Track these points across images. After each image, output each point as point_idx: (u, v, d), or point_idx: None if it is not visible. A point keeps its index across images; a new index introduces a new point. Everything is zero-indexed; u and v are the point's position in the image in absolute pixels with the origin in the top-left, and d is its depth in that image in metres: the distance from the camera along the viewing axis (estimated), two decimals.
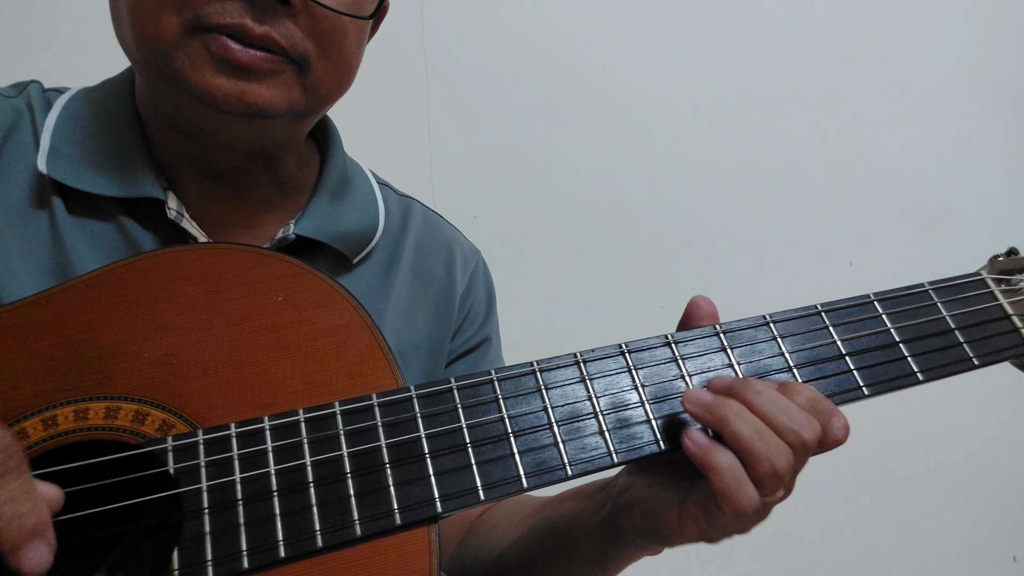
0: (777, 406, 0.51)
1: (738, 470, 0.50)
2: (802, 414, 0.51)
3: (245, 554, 0.46)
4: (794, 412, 0.51)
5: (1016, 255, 0.65)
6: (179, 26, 0.56)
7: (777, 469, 0.50)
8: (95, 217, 0.64)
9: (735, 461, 0.50)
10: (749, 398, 0.52)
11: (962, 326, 0.61)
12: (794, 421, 0.51)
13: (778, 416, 0.51)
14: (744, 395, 0.52)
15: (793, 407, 0.52)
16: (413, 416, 0.52)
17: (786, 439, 0.51)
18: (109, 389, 0.50)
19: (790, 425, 0.51)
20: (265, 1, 0.57)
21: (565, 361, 0.56)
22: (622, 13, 1.76)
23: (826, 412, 0.52)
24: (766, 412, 0.51)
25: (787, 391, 0.53)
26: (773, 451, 0.50)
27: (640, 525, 0.57)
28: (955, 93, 2.13)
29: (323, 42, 0.61)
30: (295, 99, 0.62)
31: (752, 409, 0.51)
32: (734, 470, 0.50)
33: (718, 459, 0.50)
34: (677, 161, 1.77)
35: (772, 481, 0.50)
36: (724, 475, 0.49)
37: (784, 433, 0.51)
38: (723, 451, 0.50)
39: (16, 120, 0.65)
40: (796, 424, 0.51)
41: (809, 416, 0.52)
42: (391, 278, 0.76)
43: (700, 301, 0.60)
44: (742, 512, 0.50)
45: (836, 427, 0.52)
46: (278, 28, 0.58)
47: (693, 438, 0.51)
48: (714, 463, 0.50)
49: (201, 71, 0.57)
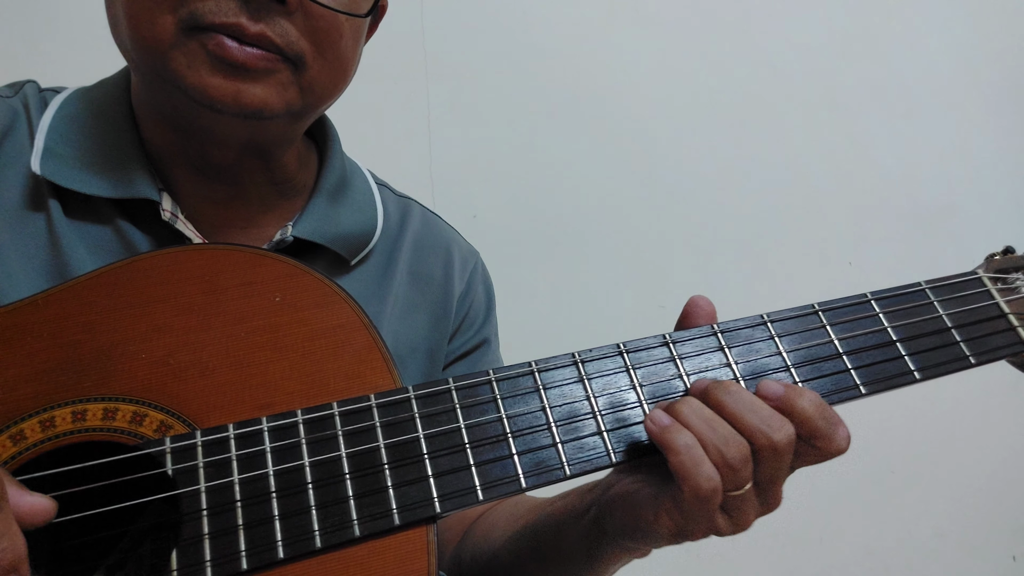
0: (747, 406, 0.51)
1: (696, 449, 0.50)
2: (774, 415, 0.51)
3: (244, 555, 0.46)
4: (765, 412, 0.51)
5: (1012, 254, 0.65)
6: (175, 26, 0.56)
7: (727, 457, 0.50)
8: (92, 219, 0.63)
9: (693, 441, 0.50)
10: (719, 396, 0.52)
11: (959, 325, 0.61)
12: (764, 421, 0.51)
13: (746, 415, 0.51)
14: (714, 393, 0.52)
15: (765, 408, 0.52)
16: (411, 416, 0.52)
17: (754, 440, 0.51)
18: (107, 390, 0.50)
19: (758, 425, 0.51)
20: (265, 6, 0.57)
21: (563, 361, 0.56)
22: (622, 13, 1.76)
23: (831, 420, 0.52)
24: (734, 412, 0.51)
25: (792, 392, 0.53)
26: (721, 439, 0.50)
27: (621, 523, 0.57)
28: (955, 93, 2.13)
29: (319, 41, 0.61)
30: (291, 99, 0.62)
31: (720, 407, 0.52)
32: (692, 448, 0.50)
33: (676, 437, 0.50)
34: (677, 161, 1.77)
35: (726, 470, 0.50)
36: (681, 453, 0.49)
37: (752, 433, 0.51)
38: (683, 430, 0.50)
39: (12, 120, 0.65)
40: (766, 424, 0.51)
41: (782, 418, 0.51)
42: (389, 280, 0.76)
43: (699, 300, 0.60)
44: (702, 495, 0.49)
45: (839, 436, 0.52)
46: (273, 27, 0.58)
47: (654, 417, 0.52)
48: (672, 441, 0.50)
49: (198, 71, 0.57)
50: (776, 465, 0.52)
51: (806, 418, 0.52)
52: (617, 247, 1.69)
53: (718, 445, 0.50)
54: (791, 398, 0.52)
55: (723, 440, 0.50)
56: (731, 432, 0.51)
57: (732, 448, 0.50)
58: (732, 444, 0.50)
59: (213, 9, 0.56)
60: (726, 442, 0.50)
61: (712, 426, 0.51)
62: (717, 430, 0.50)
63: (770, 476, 0.52)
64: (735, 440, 0.50)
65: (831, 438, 0.52)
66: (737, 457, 0.50)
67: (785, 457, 0.51)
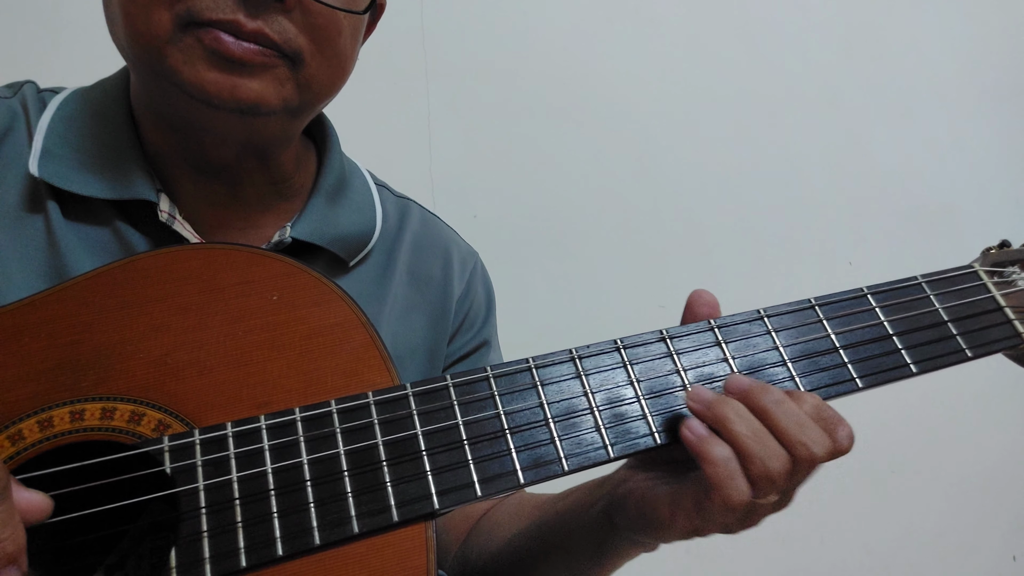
0: (794, 419, 0.51)
1: (733, 462, 0.50)
2: (816, 429, 0.51)
3: (243, 552, 0.46)
4: (808, 427, 0.51)
5: (1008, 247, 0.65)
6: (171, 22, 0.56)
7: (770, 472, 0.50)
8: (90, 220, 0.63)
9: (731, 453, 0.50)
10: (766, 405, 0.52)
11: (955, 318, 0.61)
12: (807, 435, 0.51)
13: (791, 429, 0.51)
14: (760, 401, 0.52)
15: (808, 421, 0.52)
16: (409, 413, 0.52)
17: (795, 452, 0.51)
18: (105, 390, 0.50)
19: (802, 439, 0.51)
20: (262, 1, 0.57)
21: (560, 357, 0.56)
22: (622, 13, 1.77)
23: (831, 421, 0.52)
24: (779, 424, 0.51)
25: (792, 400, 0.53)
26: (769, 453, 0.50)
27: (634, 518, 0.57)
28: (955, 93, 2.14)
29: (317, 38, 0.61)
30: (288, 95, 0.62)
31: (767, 415, 0.52)
32: (729, 462, 0.50)
33: (714, 449, 0.50)
34: (677, 161, 1.77)
35: (765, 482, 0.50)
36: (718, 465, 0.50)
37: (795, 447, 0.51)
38: (720, 443, 0.51)
39: (11, 122, 0.65)
40: (809, 439, 0.51)
41: (822, 432, 0.51)
42: (388, 281, 0.76)
43: (702, 293, 0.60)
44: (732, 506, 0.49)
45: (841, 436, 0.52)
46: (271, 23, 0.58)
47: (692, 428, 0.52)
48: (709, 452, 0.50)
49: (194, 66, 0.57)
50: (806, 476, 0.52)
51: None
52: (617, 247, 1.69)
53: (764, 459, 0.50)
54: None
55: (770, 455, 0.50)
56: (777, 447, 0.51)
57: (777, 463, 0.50)
58: (778, 459, 0.50)
59: (210, 5, 0.56)
60: (772, 457, 0.50)
61: (760, 439, 0.51)
62: (765, 443, 0.50)
63: (795, 485, 0.53)
64: (780, 455, 0.50)
65: (835, 440, 0.52)
66: (781, 471, 0.50)
67: (817, 469, 0.52)
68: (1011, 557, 1.99)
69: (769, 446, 0.50)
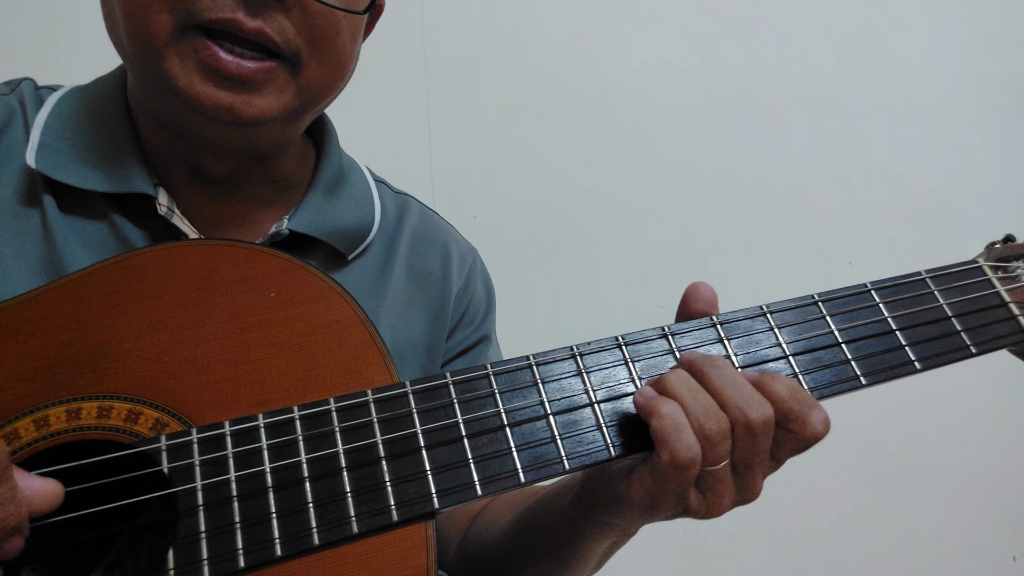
0: (729, 382, 0.51)
1: (679, 415, 0.50)
2: (754, 394, 0.51)
3: (241, 552, 0.46)
4: (746, 390, 0.51)
5: (1013, 242, 0.65)
6: (172, 24, 0.56)
7: (705, 429, 0.49)
8: (86, 214, 0.63)
9: (677, 408, 0.50)
10: (703, 369, 0.52)
11: (959, 314, 0.61)
12: (743, 398, 0.51)
13: (727, 390, 0.51)
14: (700, 366, 0.53)
15: (746, 385, 0.52)
16: (409, 412, 0.51)
17: (729, 413, 0.51)
18: (101, 388, 0.50)
19: (737, 402, 0.50)
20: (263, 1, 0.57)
21: (561, 354, 0.56)
22: (622, 13, 1.77)
23: (805, 402, 0.52)
24: (715, 385, 0.51)
25: (765, 377, 0.53)
26: (702, 410, 0.50)
27: (596, 495, 0.57)
28: (955, 93, 2.14)
29: (316, 38, 0.61)
30: (288, 102, 0.62)
31: (703, 379, 0.52)
32: (675, 414, 0.50)
33: (660, 404, 0.50)
34: (677, 161, 1.77)
35: (704, 442, 0.50)
36: (663, 417, 0.49)
37: (729, 409, 0.51)
38: (667, 400, 0.51)
39: (8, 117, 0.65)
40: (743, 402, 0.50)
41: (761, 399, 0.51)
42: (387, 275, 0.76)
43: (699, 287, 0.60)
44: (677, 460, 0.49)
45: (814, 419, 0.51)
46: (271, 23, 0.57)
47: (642, 391, 0.52)
48: (655, 407, 0.50)
49: (190, 76, 0.57)
50: (752, 446, 0.51)
51: (778, 399, 0.51)
52: (617, 247, 1.69)
53: (698, 415, 0.50)
54: (764, 381, 0.52)
55: (703, 411, 0.50)
56: (712, 405, 0.51)
57: (711, 420, 0.50)
58: (712, 416, 0.50)
59: (210, 5, 0.55)
60: (706, 413, 0.50)
61: (695, 396, 0.51)
62: (699, 400, 0.51)
63: (746, 458, 0.52)
64: (715, 413, 0.50)
65: (805, 421, 0.51)
66: (715, 430, 0.50)
67: (761, 439, 0.51)
68: (1011, 557, 1.98)
69: (701, 402, 0.50)
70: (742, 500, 0.54)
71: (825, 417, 0.52)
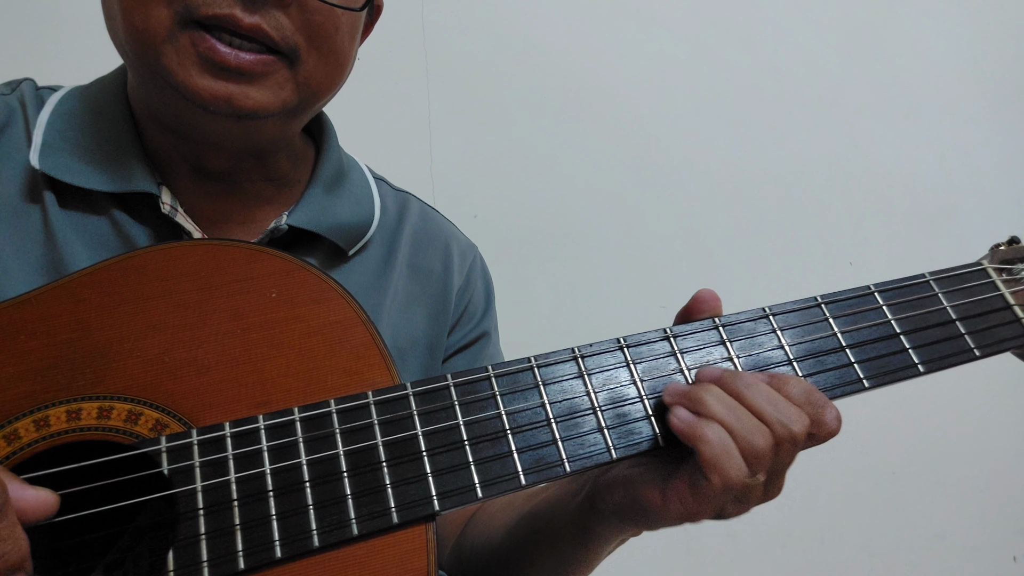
0: (766, 398, 0.52)
1: (727, 440, 0.50)
2: (791, 407, 0.52)
3: (241, 555, 0.45)
4: (782, 404, 0.52)
5: (1018, 244, 0.64)
6: (170, 19, 0.56)
7: (756, 447, 0.50)
8: (88, 212, 0.63)
9: (724, 432, 0.50)
10: (738, 389, 0.52)
11: (963, 317, 0.61)
12: (782, 413, 0.51)
13: (767, 408, 0.51)
14: (733, 386, 0.52)
15: (781, 400, 0.52)
16: (409, 414, 0.51)
17: (774, 431, 0.51)
18: (102, 389, 0.50)
19: (778, 417, 0.51)
20: None
21: (563, 356, 0.55)
22: (622, 13, 1.77)
23: (818, 403, 0.52)
24: (755, 404, 0.51)
25: (777, 382, 0.53)
26: (750, 429, 0.50)
27: (622, 504, 0.56)
28: (955, 93, 2.14)
29: (314, 35, 0.61)
30: (287, 97, 0.62)
31: (741, 397, 0.52)
32: (723, 439, 0.50)
33: (706, 430, 0.50)
34: (677, 161, 1.77)
35: (752, 459, 0.50)
36: (714, 445, 0.49)
37: (772, 425, 0.51)
38: (712, 424, 0.50)
39: (9, 117, 0.65)
40: (785, 416, 0.51)
41: (799, 410, 0.52)
42: (388, 272, 0.76)
43: (705, 295, 0.60)
44: (730, 484, 0.49)
45: (829, 418, 0.52)
46: (268, 19, 0.57)
47: (679, 415, 0.51)
48: (704, 433, 0.50)
49: (188, 70, 0.57)
50: (789, 456, 0.52)
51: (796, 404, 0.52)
52: (618, 248, 1.69)
53: (746, 436, 0.50)
54: (776, 385, 0.53)
55: (751, 431, 0.50)
56: (756, 423, 0.51)
57: (760, 439, 0.50)
58: (760, 435, 0.50)
59: (207, 0, 0.55)
60: (753, 432, 0.50)
61: (739, 416, 0.51)
62: (744, 420, 0.51)
63: (780, 466, 0.53)
64: (762, 431, 0.51)
65: (822, 421, 0.52)
66: (765, 447, 0.50)
67: (797, 448, 0.52)
68: (1011, 558, 1.98)
69: (749, 422, 0.51)
70: (767, 499, 0.55)
71: (838, 414, 0.53)
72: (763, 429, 0.51)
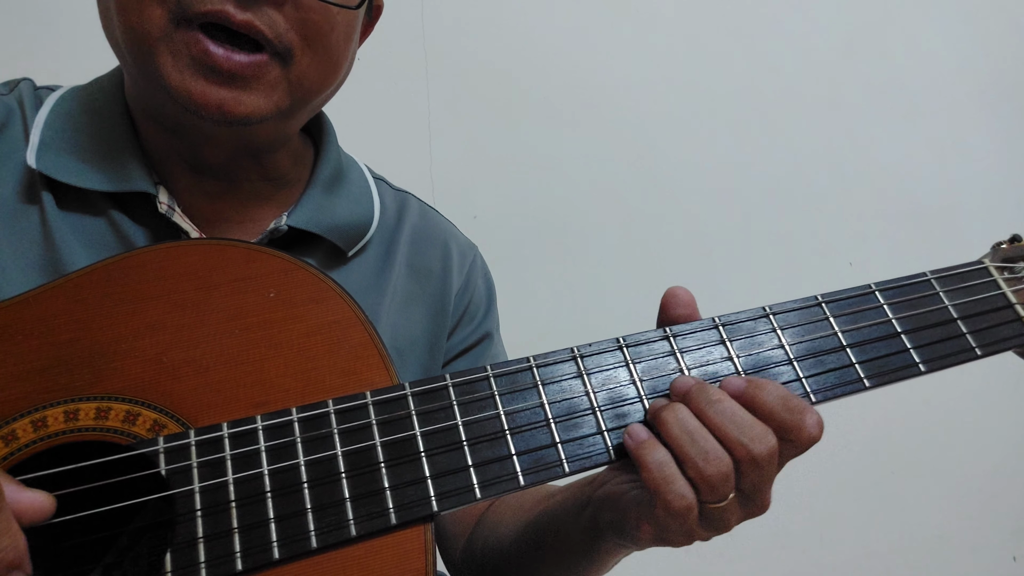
0: (729, 417, 0.50)
1: (668, 467, 0.48)
2: (755, 425, 0.50)
3: (239, 556, 0.45)
4: (747, 424, 0.49)
5: (1019, 242, 0.64)
6: (164, 18, 0.56)
7: (705, 474, 0.48)
8: (86, 213, 0.63)
9: (667, 457, 0.49)
10: (701, 407, 0.50)
11: (964, 315, 0.60)
12: (745, 434, 0.49)
13: (728, 428, 0.49)
14: (697, 401, 0.51)
15: (747, 418, 0.50)
16: (408, 414, 0.51)
17: (734, 452, 0.49)
18: (100, 389, 0.49)
19: (739, 438, 0.49)
20: None
21: (562, 356, 0.55)
22: (622, 13, 1.76)
23: (796, 410, 0.50)
24: (715, 423, 0.50)
25: (752, 390, 0.51)
26: (701, 454, 0.48)
27: (611, 521, 0.56)
28: (955, 93, 2.14)
29: (308, 34, 0.60)
30: (279, 99, 0.61)
31: (702, 416, 0.50)
32: (663, 466, 0.48)
33: (648, 453, 0.49)
34: (677, 161, 1.77)
35: (704, 486, 0.48)
36: (652, 470, 0.48)
37: (733, 446, 0.49)
38: (657, 447, 0.49)
39: (7, 117, 0.65)
40: (747, 436, 0.49)
41: (764, 428, 0.50)
42: (387, 272, 0.76)
43: (677, 292, 0.59)
44: (674, 511, 0.48)
45: (809, 424, 0.50)
46: (261, 16, 0.57)
47: (632, 432, 0.51)
48: (644, 456, 0.49)
49: (181, 72, 0.57)
50: (759, 475, 0.50)
51: (769, 412, 0.50)
52: (618, 248, 1.68)
53: (696, 460, 0.48)
54: (751, 393, 0.51)
55: (702, 455, 0.48)
56: (713, 446, 0.49)
57: (711, 465, 0.48)
58: (712, 460, 0.48)
59: None
60: (705, 457, 0.48)
61: (693, 438, 0.49)
62: (698, 443, 0.49)
63: (754, 485, 0.50)
64: (715, 455, 0.48)
65: (800, 428, 0.50)
66: (715, 474, 0.48)
67: (768, 467, 0.50)
68: (1011, 558, 1.98)
69: (703, 447, 0.48)
70: (751, 515, 0.53)
71: (818, 420, 0.50)
72: (718, 454, 0.48)
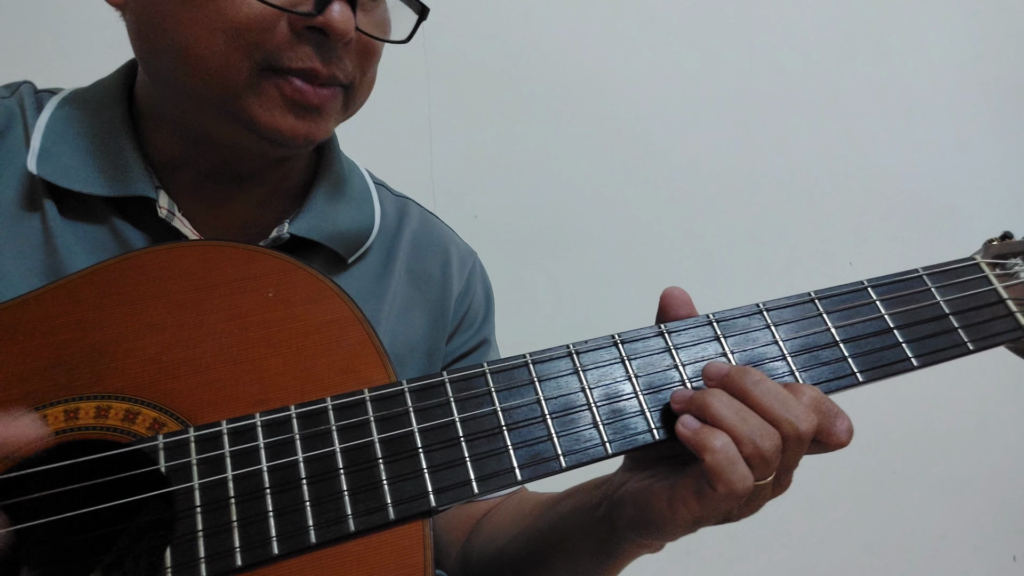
0: (774, 395, 0.51)
1: (732, 448, 0.50)
2: (799, 405, 0.51)
3: (238, 551, 0.46)
4: (791, 403, 0.51)
5: (1011, 239, 0.64)
6: (250, 70, 0.58)
7: (762, 451, 0.50)
8: (87, 218, 0.63)
9: (729, 440, 0.50)
10: (745, 387, 0.52)
11: (957, 311, 0.61)
12: (791, 412, 0.51)
13: (774, 406, 0.51)
14: (740, 383, 0.52)
15: (791, 398, 0.52)
16: (406, 411, 0.51)
17: (781, 429, 0.50)
18: (100, 388, 0.50)
19: (786, 416, 0.51)
20: (334, 49, 0.60)
21: (558, 353, 0.56)
22: (622, 13, 1.76)
23: (830, 413, 0.52)
24: (762, 402, 0.51)
25: (790, 391, 0.53)
26: (756, 431, 0.50)
27: (633, 517, 0.57)
28: (955, 93, 2.14)
29: (363, 65, 0.65)
30: (339, 119, 0.67)
31: (746, 397, 0.51)
32: (728, 448, 0.49)
33: (711, 438, 0.50)
34: (677, 161, 1.77)
35: (759, 462, 0.50)
36: (717, 453, 0.49)
37: (779, 423, 0.50)
38: (717, 432, 0.50)
39: (8, 121, 0.65)
40: (792, 415, 0.51)
41: (807, 408, 0.51)
42: (387, 278, 0.76)
43: (674, 292, 0.60)
44: (735, 492, 0.49)
45: (840, 429, 0.52)
46: (340, 67, 0.62)
47: (686, 422, 0.52)
48: (708, 441, 0.50)
49: (272, 112, 0.60)
50: (798, 453, 0.52)
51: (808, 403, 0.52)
52: (618, 248, 1.68)
53: (753, 439, 0.50)
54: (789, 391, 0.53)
55: (757, 433, 0.50)
56: (762, 424, 0.51)
57: (767, 441, 0.50)
58: (767, 437, 0.50)
59: (291, 56, 0.58)
60: (760, 435, 0.50)
61: (744, 418, 0.50)
62: (749, 422, 0.50)
63: (788, 464, 0.52)
64: (768, 432, 0.50)
65: (832, 432, 0.52)
66: (771, 449, 0.50)
67: (806, 446, 0.52)
68: (1011, 557, 1.98)
69: (755, 425, 0.50)
70: (776, 495, 0.55)
71: (850, 426, 0.53)
72: (770, 430, 0.50)
